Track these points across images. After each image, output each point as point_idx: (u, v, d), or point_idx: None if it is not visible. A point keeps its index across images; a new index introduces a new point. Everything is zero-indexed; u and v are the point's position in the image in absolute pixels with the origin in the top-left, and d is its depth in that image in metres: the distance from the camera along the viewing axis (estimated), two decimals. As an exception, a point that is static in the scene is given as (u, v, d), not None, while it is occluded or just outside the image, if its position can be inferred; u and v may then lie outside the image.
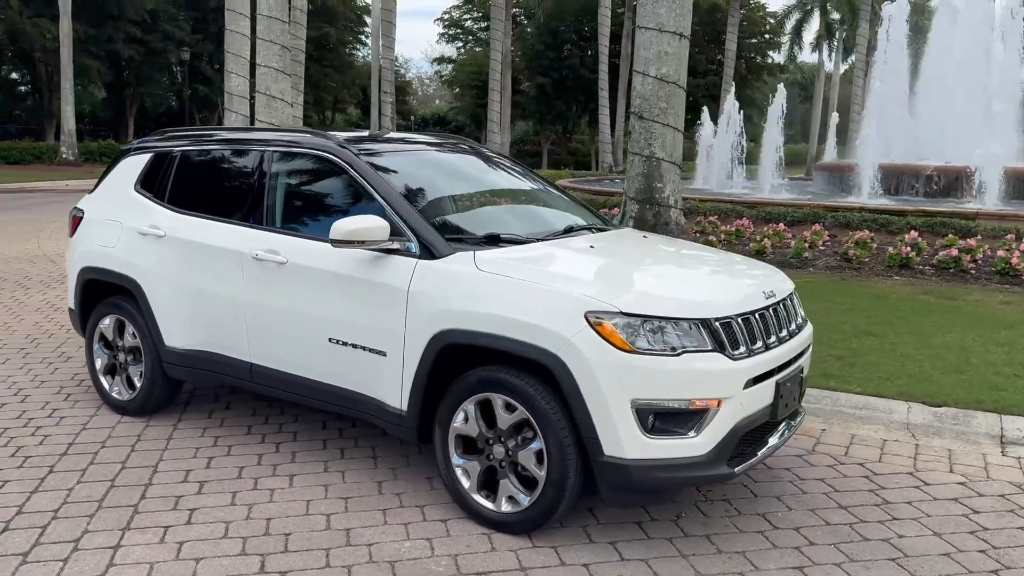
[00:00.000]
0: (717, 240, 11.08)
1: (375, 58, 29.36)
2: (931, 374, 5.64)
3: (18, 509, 3.75)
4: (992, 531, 3.74)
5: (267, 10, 11.87)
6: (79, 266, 5.12)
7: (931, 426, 4.94)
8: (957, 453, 4.65)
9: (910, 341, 6.46)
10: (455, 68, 49.93)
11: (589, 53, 41.54)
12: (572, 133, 51.04)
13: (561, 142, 50.35)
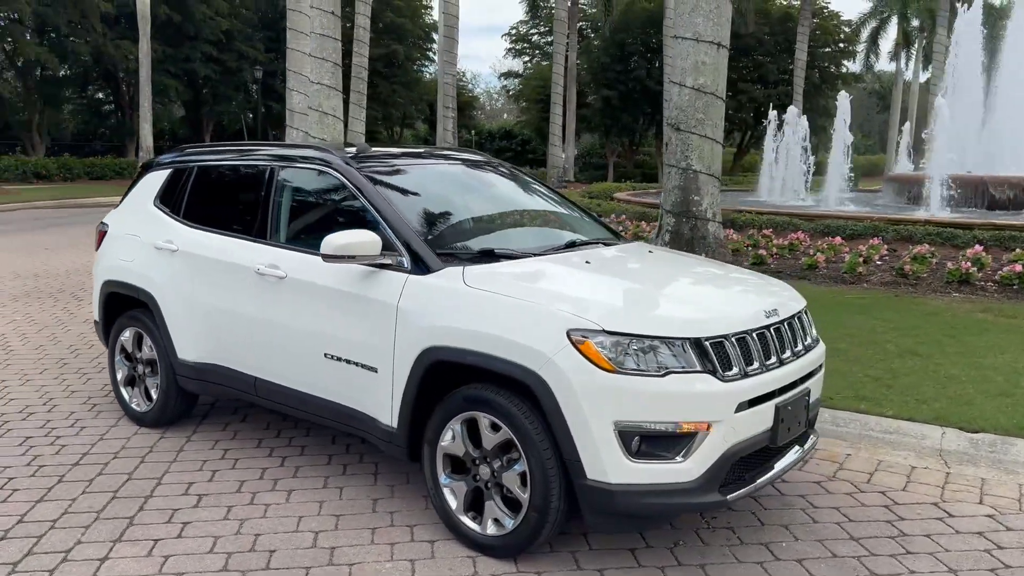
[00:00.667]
0: (768, 254, 10.77)
1: (440, 74, 29.67)
2: (973, 397, 5.32)
3: (20, 518, 3.82)
4: (1014, 569, 3.47)
5: (320, 28, 12.07)
6: (102, 279, 5.25)
7: (965, 453, 4.64)
8: (990, 483, 4.35)
9: (957, 362, 6.11)
10: (521, 82, 50.09)
11: (656, 65, 41.17)
12: (639, 145, 50.54)
13: (627, 155, 49.91)
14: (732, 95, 45.91)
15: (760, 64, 46.63)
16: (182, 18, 35.08)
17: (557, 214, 4.73)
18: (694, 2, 7.50)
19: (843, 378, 5.72)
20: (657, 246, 4.79)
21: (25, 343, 7.10)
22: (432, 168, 4.76)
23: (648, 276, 3.98)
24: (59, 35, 33.51)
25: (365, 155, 4.39)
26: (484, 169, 4.95)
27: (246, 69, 38.57)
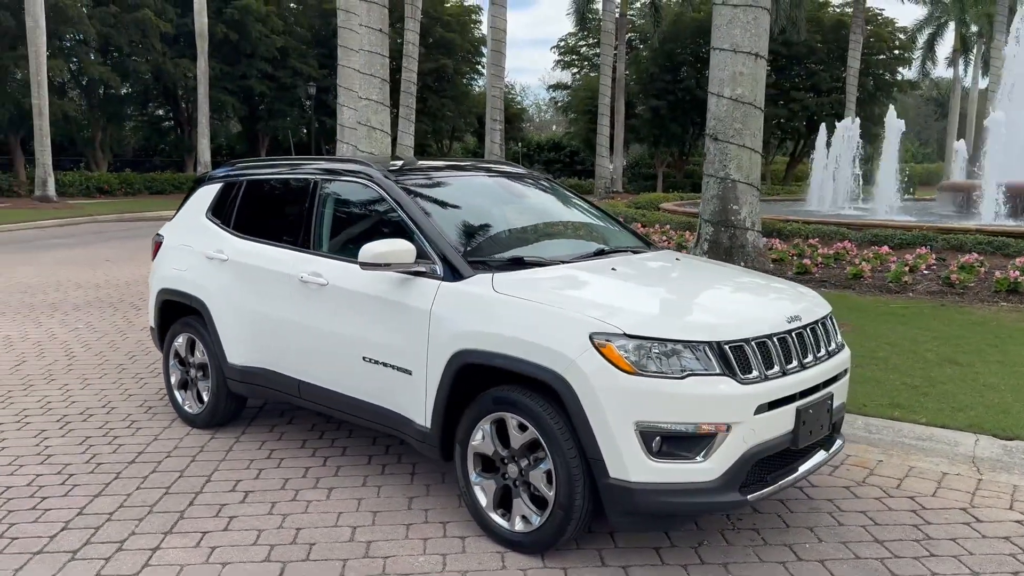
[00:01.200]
0: (813, 263, 10.72)
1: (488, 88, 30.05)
2: (1011, 405, 5.29)
3: (79, 511, 4.08)
4: (1040, 574, 3.49)
5: (368, 46, 12.41)
6: (157, 288, 5.53)
7: (999, 460, 4.64)
8: (1023, 489, 4.35)
9: (997, 371, 6.07)
10: (569, 94, 50.30)
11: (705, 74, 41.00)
12: (688, 155, 50.29)
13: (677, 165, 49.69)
14: (784, 104, 45.46)
15: (813, 72, 46.09)
16: (239, 36, 36.07)
17: (588, 224, 4.87)
18: (731, 14, 7.58)
19: (879, 386, 5.74)
20: (686, 254, 4.89)
21: (87, 350, 7.46)
22: (468, 180, 4.94)
23: (672, 282, 4.09)
24: (121, 54, 34.71)
25: (404, 168, 4.58)
26: (519, 181, 5.11)
27: (300, 85, 39.44)
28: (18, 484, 4.38)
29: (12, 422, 5.39)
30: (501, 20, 26.03)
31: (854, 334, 7.31)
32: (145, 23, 32.29)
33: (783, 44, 43.66)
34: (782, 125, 47.30)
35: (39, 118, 26.22)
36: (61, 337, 7.95)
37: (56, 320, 8.77)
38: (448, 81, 42.94)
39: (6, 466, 4.64)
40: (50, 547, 3.68)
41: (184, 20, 34.10)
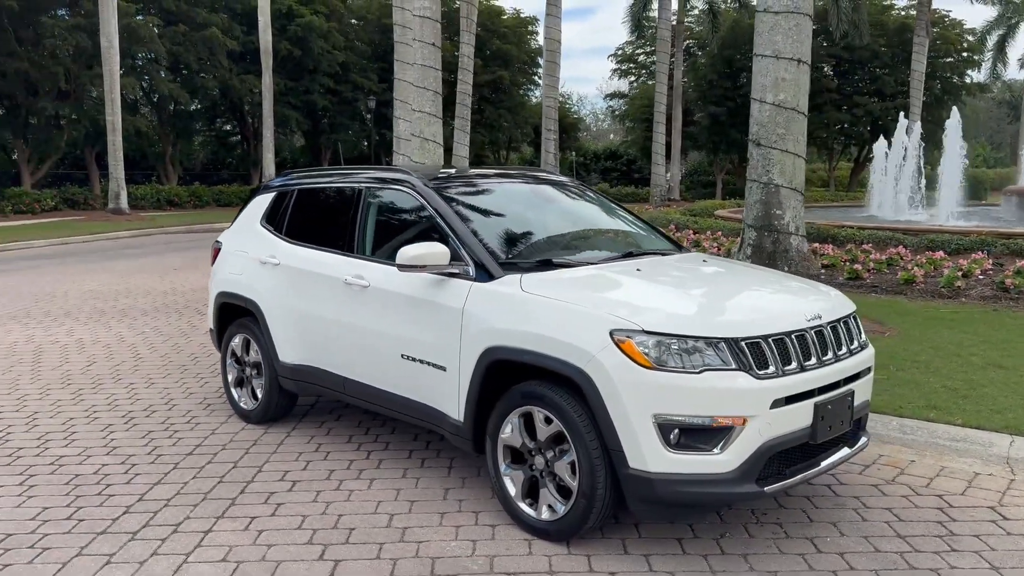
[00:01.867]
0: (864, 269, 10.64)
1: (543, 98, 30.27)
2: (1052, 408, 5.25)
3: (140, 497, 4.39)
4: (1060, 569, 3.51)
5: (422, 59, 12.74)
6: (216, 291, 5.87)
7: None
8: (1056, 490, 4.35)
9: (1043, 374, 6.01)
10: (626, 102, 50.25)
11: (764, 81, 40.60)
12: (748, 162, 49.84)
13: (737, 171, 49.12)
14: (847, 109, 44.69)
15: (877, 77, 45.23)
16: (302, 53, 37.04)
17: (619, 228, 5.02)
18: (773, 20, 7.65)
19: (918, 388, 5.74)
20: (715, 256, 5.00)
21: (152, 352, 7.88)
22: (504, 187, 5.14)
23: (695, 282, 4.22)
24: (190, 72, 35.96)
25: (443, 177, 4.82)
26: (555, 187, 5.29)
27: (361, 99, 40.29)
28: (86, 472, 4.73)
29: (82, 417, 5.78)
30: (556, 31, 26.23)
31: (899, 338, 7.29)
32: (212, 41, 33.41)
33: (845, 48, 42.98)
34: (845, 130, 46.51)
35: (112, 134, 27.37)
36: (129, 340, 8.40)
37: (125, 324, 9.25)
38: (505, 92, 43.33)
39: (75, 456, 4.99)
40: (112, 528, 3.99)
41: (250, 37, 35.17)
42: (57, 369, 7.16)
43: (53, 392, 6.42)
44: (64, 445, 5.19)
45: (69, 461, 4.90)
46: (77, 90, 31.56)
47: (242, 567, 3.60)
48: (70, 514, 4.15)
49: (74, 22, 29.64)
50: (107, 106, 27.21)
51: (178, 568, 3.59)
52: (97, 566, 3.60)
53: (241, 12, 36.31)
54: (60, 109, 30.41)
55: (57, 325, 9.21)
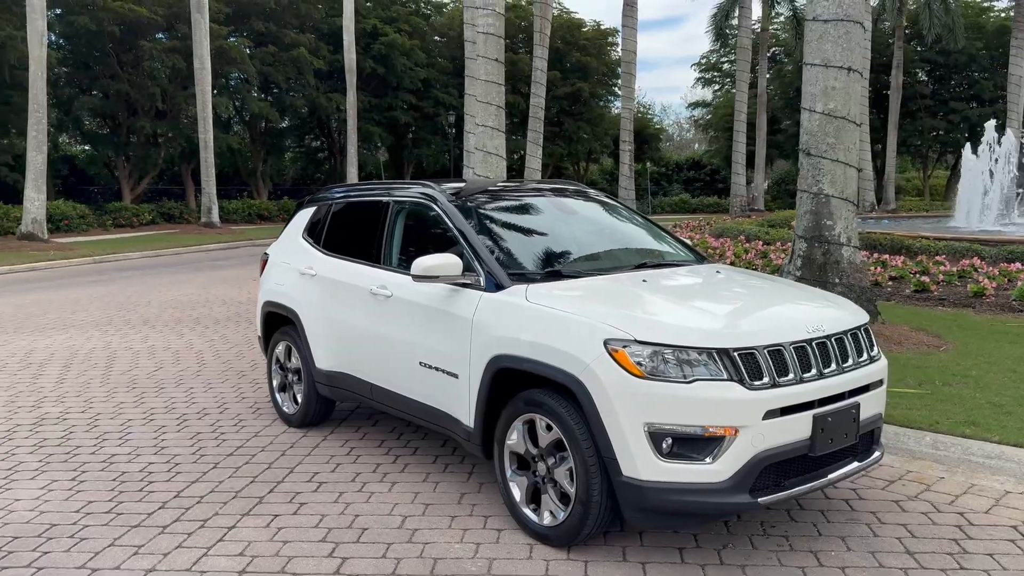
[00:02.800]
0: (933, 281, 10.29)
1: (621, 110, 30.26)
2: (1101, 426, 5.02)
3: (176, 494, 4.66)
4: (1071, 591, 3.39)
5: (485, 75, 12.99)
6: (262, 300, 6.17)
7: (1070, 480, 4.45)
8: (1088, 511, 4.17)
9: (1101, 391, 5.74)
10: (710, 111, 49.65)
11: (852, 88, 39.48)
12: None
13: (825, 182, 47.96)
14: (943, 115, 43.01)
15: (974, 81, 43.42)
16: (385, 70, 38.03)
17: (636, 238, 5.06)
18: (822, 29, 7.55)
19: (960, 404, 5.57)
20: (732, 267, 4.98)
21: (216, 358, 8.29)
22: (528, 200, 5.24)
23: (698, 294, 4.24)
24: (280, 90, 37.39)
25: (465, 190, 4.97)
26: (578, 199, 5.38)
27: (442, 114, 41.07)
28: (132, 471, 5.05)
29: (139, 419, 6.15)
30: (631, 42, 26.24)
31: (954, 353, 7.06)
32: (300, 61, 34.65)
33: (939, 53, 41.40)
34: (941, 137, 44.74)
35: (205, 151, 28.70)
36: (197, 347, 8.85)
37: (197, 332, 9.74)
38: (584, 104, 43.41)
39: (126, 455, 5.33)
40: (146, 522, 4.26)
41: (335, 56, 36.35)
42: (126, 374, 7.62)
43: (118, 395, 6.85)
44: (118, 444, 5.54)
45: (119, 459, 5.24)
46: (173, 109, 33.23)
47: (255, 561, 3.80)
48: (110, 508, 4.45)
49: (170, 45, 31.24)
50: (200, 124, 28.56)
51: (197, 560, 3.82)
52: (125, 556, 3.86)
53: (327, 32, 37.54)
54: (157, 127, 32.12)
55: (134, 332, 9.77)
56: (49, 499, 4.58)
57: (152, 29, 31.36)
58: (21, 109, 25.79)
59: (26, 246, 21.28)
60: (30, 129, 21.71)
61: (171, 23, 31.72)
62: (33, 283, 15.44)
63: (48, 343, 9.13)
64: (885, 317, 8.26)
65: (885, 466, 4.85)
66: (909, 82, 42.30)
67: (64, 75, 31.69)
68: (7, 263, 18.24)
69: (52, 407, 6.48)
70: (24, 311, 11.63)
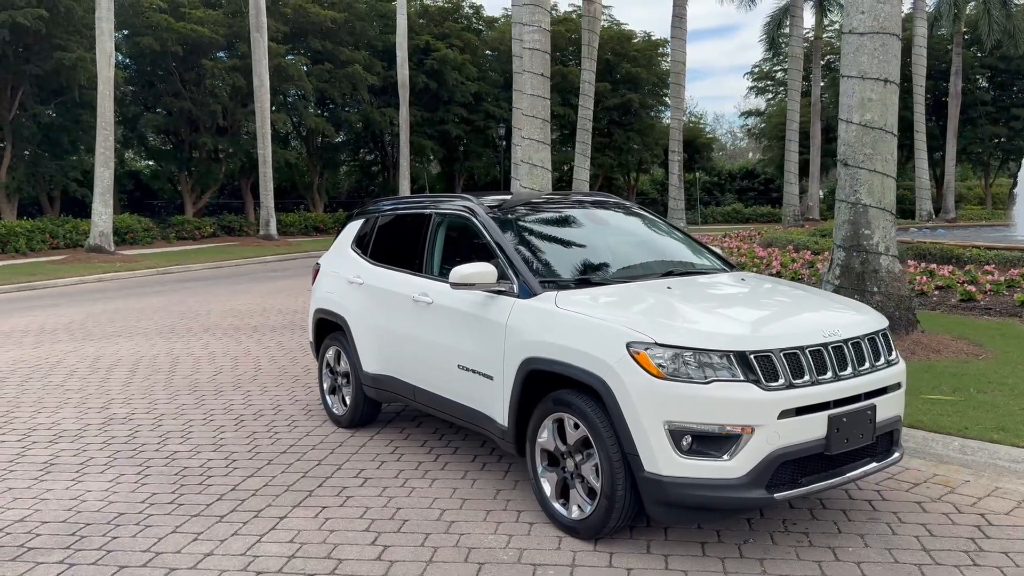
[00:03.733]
0: (980, 291, 10.23)
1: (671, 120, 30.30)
2: None
3: (234, 487, 5.01)
4: (1081, 587, 3.49)
5: (531, 89, 13.28)
6: (314, 307, 6.52)
7: (1095, 484, 4.51)
8: (1111, 513, 4.23)
9: None
10: (763, 120, 49.30)
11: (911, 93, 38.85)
12: (898, 179, 47.67)
13: (882, 191, 47.19)
14: (1004, 122, 42.05)
15: (1037, 86, 42.43)
16: (437, 85, 38.72)
17: (666, 248, 5.27)
18: (858, 42, 7.66)
19: (992, 410, 5.64)
20: (755, 275, 5.13)
21: (272, 364, 8.69)
22: (563, 211, 5.49)
23: (720, 300, 4.43)
24: (335, 106, 38.33)
25: (503, 202, 5.24)
26: (611, 210, 5.61)
27: (492, 127, 41.60)
28: (192, 466, 5.41)
29: (200, 419, 6.54)
30: (680, 52, 26.32)
31: (993, 361, 7.08)
32: (355, 77, 35.52)
33: (1000, 59, 40.54)
34: (1002, 145, 43.72)
35: (263, 166, 29.58)
36: (254, 353, 9.28)
37: (254, 339, 10.19)
38: (634, 115, 43.50)
39: (188, 452, 5.71)
40: (205, 512, 4.60)
41: (389, 72, 37.13)
42: (188, 378, 8.06)
43: (180, 397, 7.27)
44: (180, 442, 5.93)
45: (181, 456, 5.62)
46: (233, 126, 34.32)
47: (304, 548, 4.10)
48: (173, 499, 4.81)
49: (231, 63, 32.32)
50: (259, 140, 29.45)
51: (251, 546, 4.13)
52: (186, 541, 4.20)
53: (381, 49, 38.36)
54: (218, 143, 33.23)
55: (196, 339, 10.26)
56: (117, 491, 4.96)
57: (213, 48, 32.49)
58: (90, 127, 26.99)
59: (94, 258, 22.24)
60: (98, 146, 22.71)
61: (231, 42, 32.83)
62: (100, 293, 16.19)
63: (115, 349, 9.66)
64: (927, 326, 8.28)
65: (911, 469, 4.97)
66: (969, 88, 41.48)
67: (130, 93, 33.00)
68: (77, 274, 19.11)
69: (119, 408, 6.92)
70: (93, 319, 12.26)
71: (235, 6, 33.40)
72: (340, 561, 3.94)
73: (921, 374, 6.62)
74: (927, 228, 23.57)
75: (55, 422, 6.52)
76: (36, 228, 25.33)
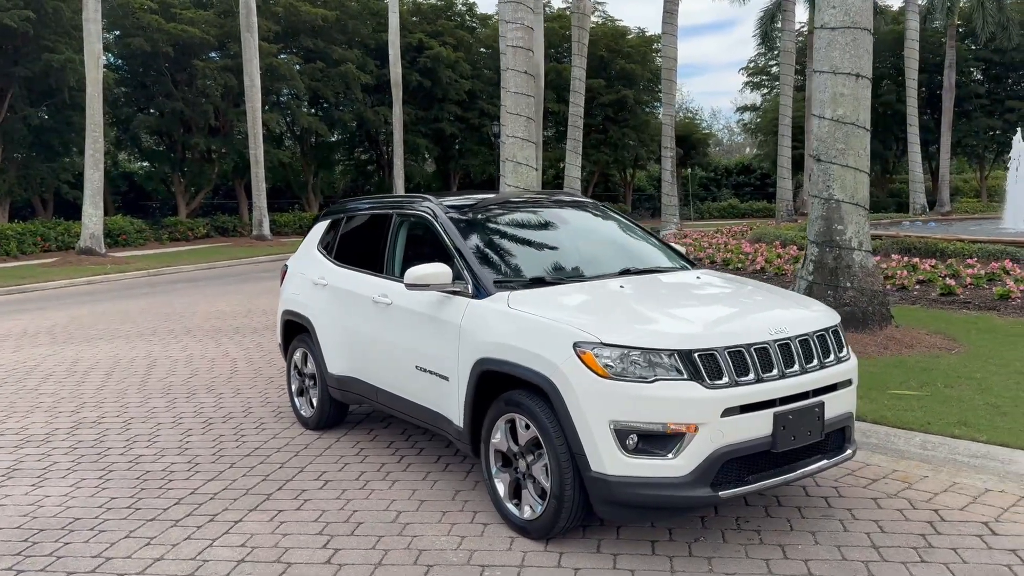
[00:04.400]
0: (959, 284, 10.21)
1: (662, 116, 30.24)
2: (1095, 426, 5.04)
3: (193, 490, 5.00)
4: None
5: (514, 87, 13.25)
6: (281, 309, 6.51)
7: (1051, 479, 4.50)
8: (1065, 508, 4.23)
9: (1105, 392, 5.72)
10: (758, 115, 49.20)
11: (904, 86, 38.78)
12: (892, 173, 47.58)
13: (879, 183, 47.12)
14: (999, 114, 41.97)
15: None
16: (431, 83, 38.65)
17: (625, 247, 5.26)
18: (830, 37, 7.64)
19: (957, 405, 5.63)
20: (712, 272, 5.11)
21: (249, 366, 8.68)
22: (522, 210, 5.47)
23: (671, 298, 4.42)
24: (329, 105, 38.27)
25: (461, 202, 5.22)
26: (573, 209, 5.59)
27: (487, 125, 41.48)
28: (155, 469, 5.40)
29: (168, 422, 6.53)
30: (671, 49, 26.25)
31: (965, 356, 7.07)
32: (348, 76, 35.44)
33: (995, 52, 40.46)
34: (997, 137, 43.65)
35: (256, 166, 29.56)
36: (232, 355, 9.27)
37: (235, 342, 10.18)
38: (629, 111, 43.44)
39: (152, 456, 5.70)
40: (161, 516, 4.59)
41: (382, 71, 37.04)
42: (162, 380, 8.05)
43: (152, 400, 7.26)
44: (146, 446, 5.92)
45: (145, 460, 5.61)
46: (226, 126, 34.28)
47: (255, 552, 4.09)
48: (131, 504, 4.80)
49: (222, 64, 32.28)
50: (250, 140, 29.43)
51: (202, 551, 4.12)
52: (138, 546, 4.19)
53: (374, 47, 38.28)
54: (211, 144, 33.19)
55: (176, 341, 10.25)
56: (76, 496, 4.95)
57: (204, 49, 32.43)
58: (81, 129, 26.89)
59: (85, 260, 22.22)
60: (87, 148, 22.70)
61: (223, 42, 32.76)
62: (89, 296, 16.18)
63: (94, 352, 9.65)
64: (906, 320, 8.27)
65: (872, 465, 4.96)
66: (963, 81, 41.41)
67: (122, 95, 32.95)
68: (67, 277, 19.11)
69: (90, 412, 6.92)
70: (76, 323, 12.25)
71: (226, 6, 33.33)
72: (289, 565, 3.93)
73: (892, 369, 6.61)
74: (919, 222, 23.54)
75: (24, 427, 6.51)
76: (27, 231, 25.34)
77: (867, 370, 6.52)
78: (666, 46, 26.86)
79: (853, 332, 7.39)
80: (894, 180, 47.66)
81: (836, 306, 7.44)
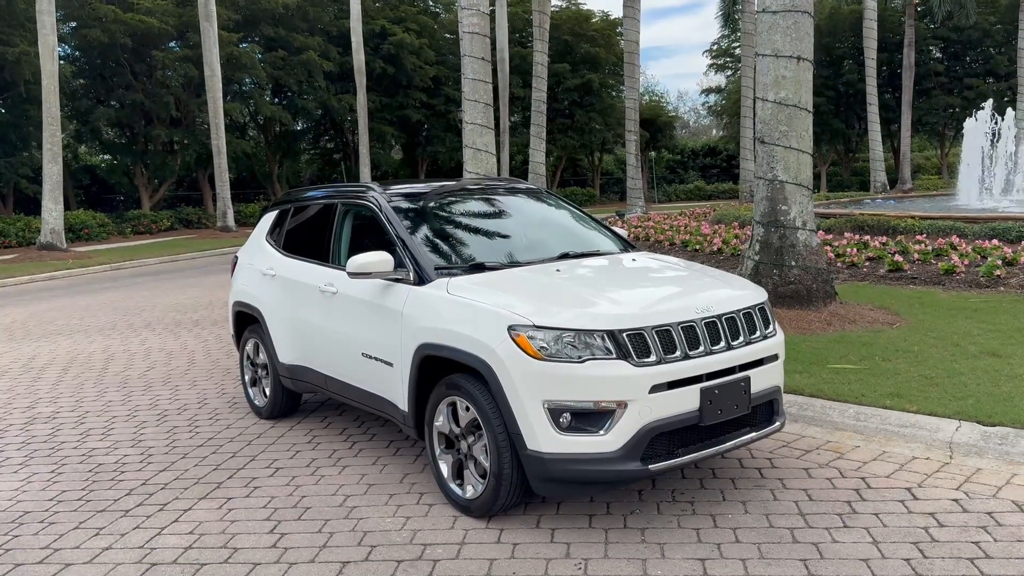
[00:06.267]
0: (907, 260, 10.47)
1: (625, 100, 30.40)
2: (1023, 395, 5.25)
3: (144, 481, 5.06)
4: (941, 544, 3.66)
5: (472, 73, 13.28)
6: (232, 300, 6.56)
7: (974, 446, 4.70)
8: (984, 472, 4.43)
9: (1033, 361, 5.95)
10: (723, 97, 49.57)
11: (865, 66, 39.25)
12: (855, 152, 48.20)
13: (844, 163, 47.77)
14: (958, 92, 42.63)
15: (989, 56, 43.01)
16: (395, 70, 38.46)
17: (566, 231, 5.37)
18: (771, 20, 7.78)
19: (893, 377, 5.82)
20: (649, 254, 5.25)
21: (206, 357, 8.71)
22: (463, 198, 5.55)
23: (604, 280, 4.54)
24: (292, 94, 37.96)
25: (402, 190, 5.31)
26: (514, 195, 5.69)
27: (453, 111, 41.41)
28: (107, 462, 5.45)
29: (123, 415, 6.57)
30: (633, 32, 26.39)
31: (905, 329, 7.29)
32: (310, 64, 35.18)
33: (953, 30, 41.06)
34: (956, 114, 44.35)
35: (218, 157, 29.31)
36: (190, 347, 9.29)
37: (193, 334, 10.18)
38: (595, 95, 43.55)
39: (105, 448, 5.74)
40: (111, 507, 4.65)
41: (345, 58, 36.78)
42: (119, 375, 8.06)
43: (108, 394, 7.28)
44: (99, 439, 5.96)
45: (98, 453, 5.65)
46: (187, 117, 33.90)
47: (202, 539, 4.17)
48: (81, 496, 4.85)
49: (182, 54, 31.89)
50: (212, 131, 29.17)
51: (150, 539, 4.20)
52: (87, 537, 4.26)
53: (336, 35, 38.00)
54: (173, 135, 32.77)
55: (135, 335, 10.23)
56: (27, 490, 4.99)
57: (164, 39, 32.01)
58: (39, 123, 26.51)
59: (46, 255, 21.97)
60: (45, 142, 22.38)
61: (182, 32, 32.35)
62: (49, 291, 16.03)
63: (52, 348, 9.62)
64: (851, 297, 8.49)
65: (806, 437, 5.14)
66: (923, 60, 41.99)
67: (80, 87, 32.46)
68: (27, 273, 18.89)
69: (45, 407, 6.93)
70: (35, 319, 12.17)
71: (184, -5, 32.93)
72: (235, 550, 4.02)
73: (833, 345, 6.80)
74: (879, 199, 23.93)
75: (-23, 424, 6.52)
76: (-14, 227, 24.97)
77: (809, 346, 6.71)
78: (628, 30, 27.00)
79: (798, 309, 7.58)
80: (858, 159, 48.29)
81: (781, 284, 7.63)
